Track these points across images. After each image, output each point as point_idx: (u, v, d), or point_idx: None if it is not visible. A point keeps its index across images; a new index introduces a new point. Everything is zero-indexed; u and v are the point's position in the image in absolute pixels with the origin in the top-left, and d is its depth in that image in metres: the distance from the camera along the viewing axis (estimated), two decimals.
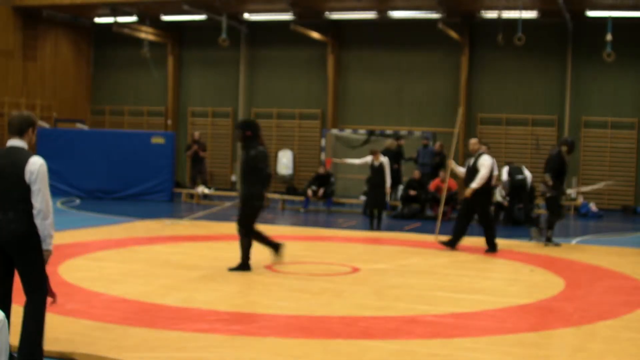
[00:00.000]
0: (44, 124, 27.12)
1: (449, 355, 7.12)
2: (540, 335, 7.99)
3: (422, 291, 10.29)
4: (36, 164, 6.32)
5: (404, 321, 8.41)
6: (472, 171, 14.72)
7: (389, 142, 23.03)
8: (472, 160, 14.89)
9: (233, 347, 7.16)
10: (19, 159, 6.36)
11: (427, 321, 8.43)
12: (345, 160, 21.44)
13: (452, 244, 14.64)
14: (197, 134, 26.54)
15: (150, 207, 22.22)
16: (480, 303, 9.51)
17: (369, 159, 18.30)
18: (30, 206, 6.32)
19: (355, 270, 11.90)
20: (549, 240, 15.47)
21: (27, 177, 6.29)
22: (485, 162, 14.55)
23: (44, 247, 6.41)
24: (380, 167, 17.88)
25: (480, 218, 14.94)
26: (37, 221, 6.33)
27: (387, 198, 18.36)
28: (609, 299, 10.08)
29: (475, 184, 14.41)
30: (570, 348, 7.57)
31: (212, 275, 11.12)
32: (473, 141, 15.25)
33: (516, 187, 20.06)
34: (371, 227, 18.01)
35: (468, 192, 14.53)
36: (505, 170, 20.44)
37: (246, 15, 28.11)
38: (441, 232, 15.36)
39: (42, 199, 6.31)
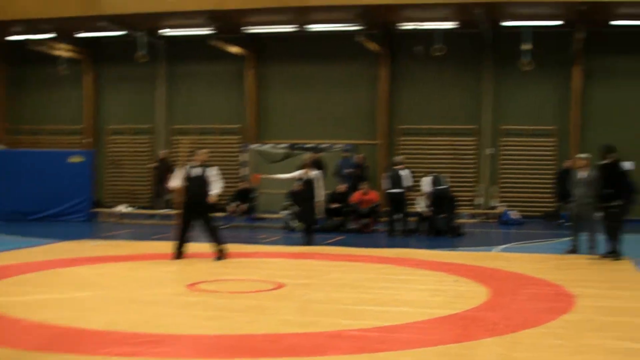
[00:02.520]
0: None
1: None
2: (464, 346, 7.99)
3: (346, 305, 10.23)
4: None
5: (329, 336, 8.33)
6: (201, 180, 15.08)
7: (308, 156, 22.85)
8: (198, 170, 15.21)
9: None
10: None
11: (352, 336, 8.36)
12: (273, 176, 21.19)
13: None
14: (162, 152, 26.30)
15: (69, 227, 21.80)
16: (405, 315, 9.49)
17: (298, 173, 18.02)
18: None
19: (280, 286, 11.80)
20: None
21: None
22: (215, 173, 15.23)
23: None
24: (310, 181, 17.74)
25: (207, 225, 15.23)
26: None
27: (317, 212, 18.11)
28: (532, 307, 10.17)
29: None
30: (495, 357, 7.59)
31: (136, 296, 10.89)
32: (203, 151, 15.63)
33: (439, 196, 20.23)
34: (304, 242, 17.80)
35: (212, 198, 14.98)
36: (428, 181, 20.59)
37: (164, 31, 27.81)
38: (361, 245, 15.30)
39: None
